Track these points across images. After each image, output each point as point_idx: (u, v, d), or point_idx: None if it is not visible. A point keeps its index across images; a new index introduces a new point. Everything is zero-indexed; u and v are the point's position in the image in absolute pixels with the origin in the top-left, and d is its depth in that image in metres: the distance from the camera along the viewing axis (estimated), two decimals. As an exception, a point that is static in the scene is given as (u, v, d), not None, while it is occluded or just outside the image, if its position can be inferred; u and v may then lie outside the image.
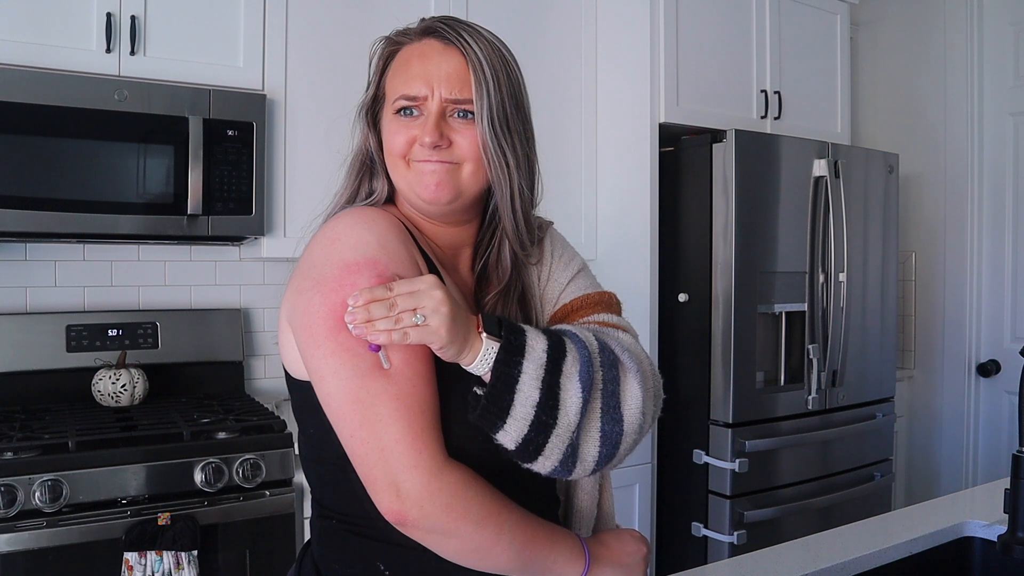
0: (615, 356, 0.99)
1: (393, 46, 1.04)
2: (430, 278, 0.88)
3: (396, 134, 0.99)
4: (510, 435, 0.91)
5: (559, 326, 1.03)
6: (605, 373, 0.97)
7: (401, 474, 0.87)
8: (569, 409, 0.92)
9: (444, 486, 0.88)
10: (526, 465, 0.94)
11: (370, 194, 1.06)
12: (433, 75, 0.97)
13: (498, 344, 0.91)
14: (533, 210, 1.10)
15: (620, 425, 0.96)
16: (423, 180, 0.98)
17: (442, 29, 0.99)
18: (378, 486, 0.89)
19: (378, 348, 0.88)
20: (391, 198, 1.06)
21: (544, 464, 0.93)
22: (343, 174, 1.09)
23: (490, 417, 0.91)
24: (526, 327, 0.95)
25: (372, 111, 1.05)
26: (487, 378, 0.92)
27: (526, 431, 0.91)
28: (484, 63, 0.97)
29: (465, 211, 1.04)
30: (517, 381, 0.91)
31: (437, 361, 0.94)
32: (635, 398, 0.98)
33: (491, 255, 1.07)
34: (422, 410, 0.90)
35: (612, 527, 1.15)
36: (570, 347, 0.95)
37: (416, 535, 0.91)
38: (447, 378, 0.95)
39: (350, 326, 0.86)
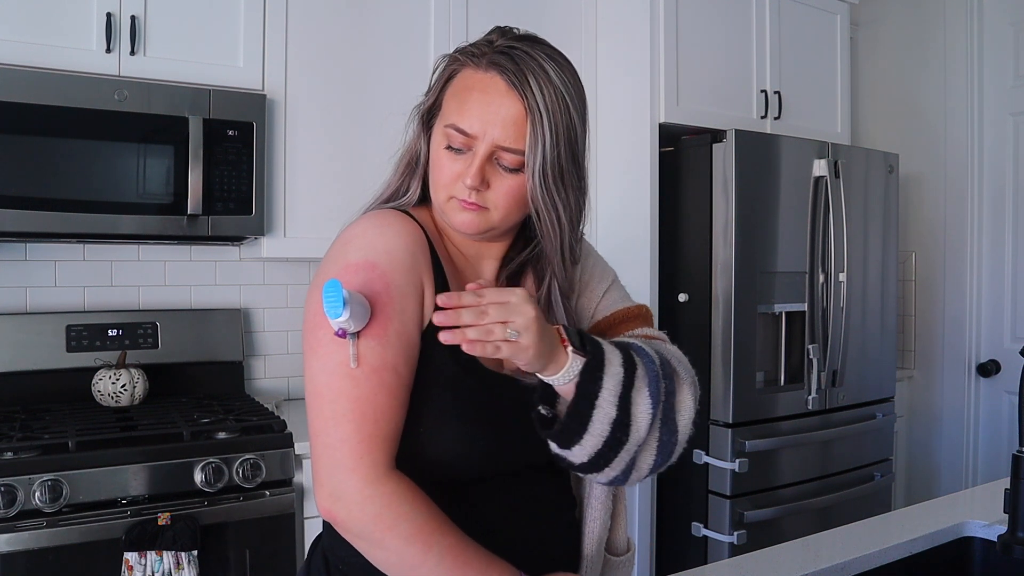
0: (672, 367, 1.02)
1: (458, 64, 1.00)
2: (522, 292, 0.90)
3: (443, 167, 0.99)
4: (585, 450, 0.94)
5: (620, 339, 1.05)
6: (667, 385, 1.00)
7: (339, 475, 0.90)
8: (640, 425, 0.96)
9: (376, 496, 0.89)
10: (588, 476, 0.99)
11: (405, 192, 1.07)
12: (489, 117, 0.95)
13: (583, 359, 0.93)
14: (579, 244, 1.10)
15: (676, 435, 1.01)
16: (456, 217, 0.99)
17: (508, 70, 0.95)
18: (318, 480, 0.92)
19: (344, 334, 0.89)
20: (428, 198, 1.06)
21: (607, 475, 0.97)
22: (391, 167, 1.09)
23: (568, 434, 0.94)
24: (600, 340, 0.97)
25: (428, 115, 1.05)
26: (565, 390, 0.94)
27: (600, 447, 0.94)
28: (544, 116, 0.94)
29: (495, 237, 1.05)
30: (597, 397, 0.93)
31: (431, 363, 0.95)
32: (688, 409, 1.02)
33: (541, 297, 1.06)
34: (376, 418, 0.91)
35: (623, 539, 1.15)
36: (639, 361, 0.97)
37: (347, 537, 0.93)
38: (443, 383, 0.96)
39: (437, 323, 0.87)
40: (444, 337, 0.87)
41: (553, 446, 0.97)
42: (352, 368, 0.90)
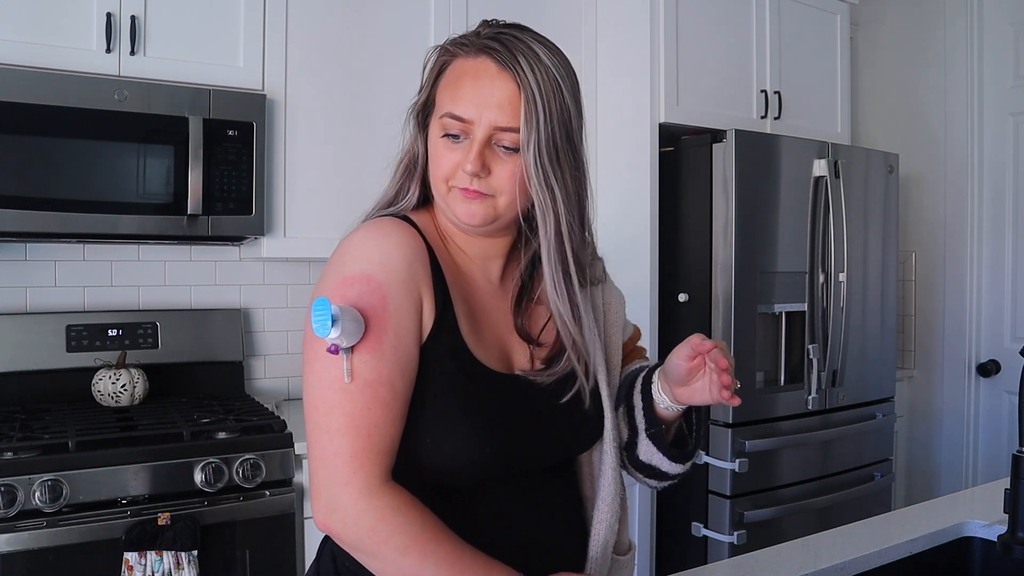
0: None
1: (448, 56, 1.01)
2: (723, 343, 1.03)
3: (441, 158, 0.99)
4: (690, 461, 1.14)
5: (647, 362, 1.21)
6: None
7: (334, 488, 0.90)
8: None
9: (371, 509, 0.89)
10: (663, 485, 1.16)
11: (405, 196, 1.07)
12: (483, 100, 0.95)
13: None
14: (588, 245, 1.09)
15: None
16: (459, 207, 0.99)
17: (498, 52, 0.96)
18: (315, 493, 0.92)
19: (336, 350, 0.89)
20: (429, 200, 1.06)
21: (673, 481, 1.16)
22: (390, 172, 1.09)
23: (695, 449, 1.13)
24: None
25: (423, 114, 1.04)
26: (672, 414, 1.11)
27: (695, 455, 1.15)
28: (537, 93, 0.94)
29: (500, 228, 1.04)
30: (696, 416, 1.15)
31: (432, 373, 0.95)
32: None
33: (533, 290, 1.06)
34: (370, 433, 0.90)
35: (626, 540, 1.16)
36: None
37: (345, 548, 0.94)
38: (447, 391, 0.96)
39: (726, 385, 1.01)
40: (727, 396, 1.02)
41: (656, 460, 1.11)
42: (346, 383, 0.90)
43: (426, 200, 1.06)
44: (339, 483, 0.89)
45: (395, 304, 0.93)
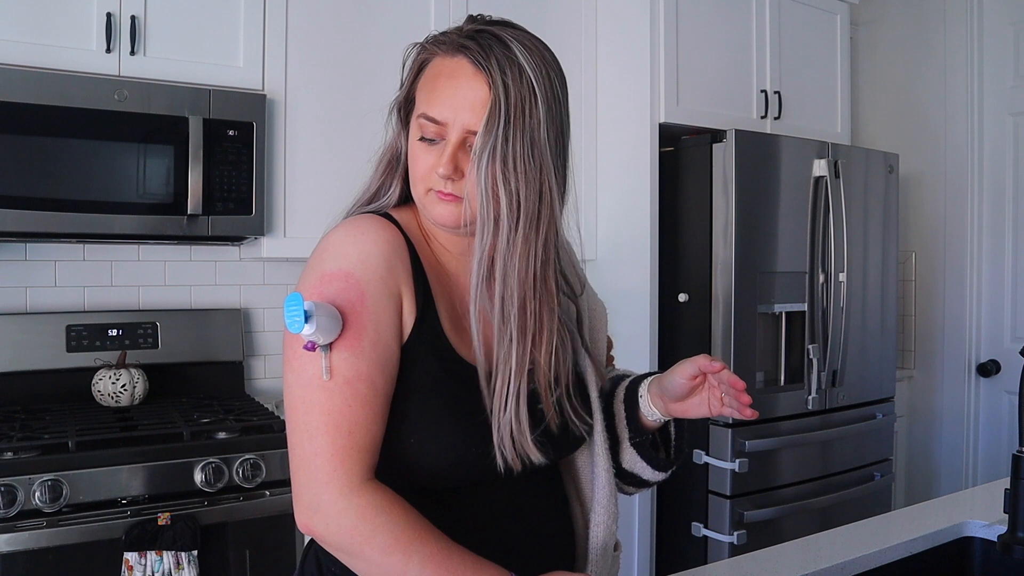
0: None
1: (426, 54, 1.00)
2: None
3: (418, 160, 0.98)
4: (672, 469, 1.15)
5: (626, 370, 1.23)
6: None
7: (315, 488, 0.89)
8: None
9: (352, 508, 0.87)
10: (638, 492, 1.19)
11: (386, 192, 1.06)
12: (458, 102, 0.94)
13: None
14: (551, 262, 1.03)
15: None
16: (435, 209, 0.98)
17: (475, 52, 0.94)
18: (296, 493, 0.91)
19: (313, 347, 0.88)
20: (411, 197, 1.05)
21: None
22: (371, 167, 1.08)
23: (679, 458, 1.16)
24: None
25: (404, 109, 1.04)
26: (656, 424, 1.12)
27: (677, 464, 1.17)
28: (503, 98, 0.91)
29: None
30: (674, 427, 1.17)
31: (415, 371, 0.94)
32: None
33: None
34: (350, 431, 0.89)
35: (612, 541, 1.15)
36: None
37: (328, 550, 0.93)
38: (431, 389, 0.95)
39: (751, 410, 1.02)
40: (750, 413, 1.02)
41: (639, 468, 1.13)
42: (325, 380, 0.89)
43: (408, 197, 1.05)
44: (319, 483, 0.88)
45: (374, 301, 0.92)
